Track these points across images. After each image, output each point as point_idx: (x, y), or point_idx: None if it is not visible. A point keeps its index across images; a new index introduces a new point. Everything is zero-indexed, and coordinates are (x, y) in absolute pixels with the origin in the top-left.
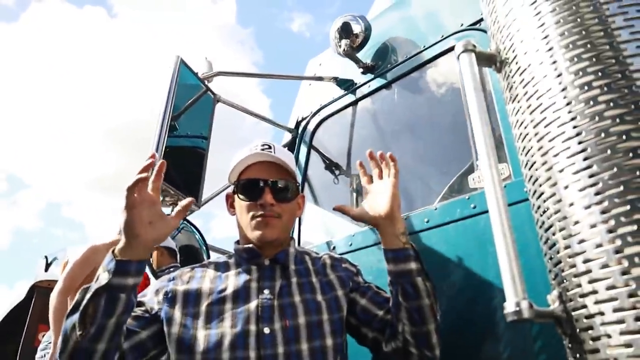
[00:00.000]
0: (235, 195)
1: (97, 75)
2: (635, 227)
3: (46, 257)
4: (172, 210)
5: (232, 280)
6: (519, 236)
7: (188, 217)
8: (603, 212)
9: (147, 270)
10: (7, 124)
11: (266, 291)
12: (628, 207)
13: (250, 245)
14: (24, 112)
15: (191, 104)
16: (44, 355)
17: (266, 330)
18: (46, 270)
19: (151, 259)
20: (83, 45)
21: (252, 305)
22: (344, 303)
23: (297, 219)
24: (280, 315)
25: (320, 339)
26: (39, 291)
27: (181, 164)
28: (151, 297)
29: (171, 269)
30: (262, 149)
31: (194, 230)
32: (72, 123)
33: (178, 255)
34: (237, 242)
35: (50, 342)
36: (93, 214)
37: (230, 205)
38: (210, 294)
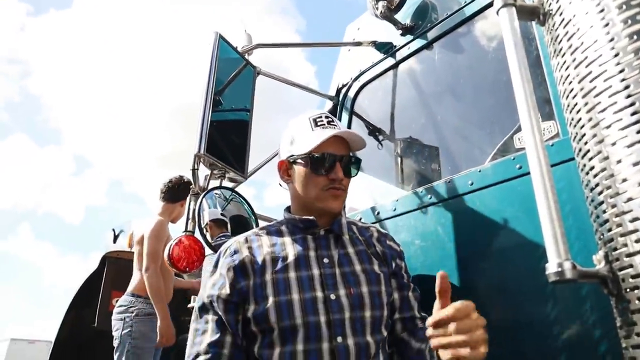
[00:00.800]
0: (300, 167)
1: (159, 56)
2: None
3: (114, 230)
4: (220, 182)
5: (290, 249)
6: (569, 196)
7: (236, 189)
8: None
9: (202, 241)
10: (74, 106)
11: (325, 260)
12: None
13: (309, 217)
14: (89, 95)
15: (233, 79)
16: (124, 319)
17: (332, 296)
18: (114, 241)
19: (206, 233)
20: (141, 26)
21: (315, 273)
22: (389, 280)
23: None
24: (344, 282)
25: (379, 308)
26: (110, 261)
27: (227, 137)
28: (224, 281)
29: (223, 238)
30: (328, 121)
31: (242, 200)
32: (130, 102)
33: (228, 224)
34: (288, 210)
35: (130, 306)
36: (153, 189)
37: (284, 173)
38: (273, 263)
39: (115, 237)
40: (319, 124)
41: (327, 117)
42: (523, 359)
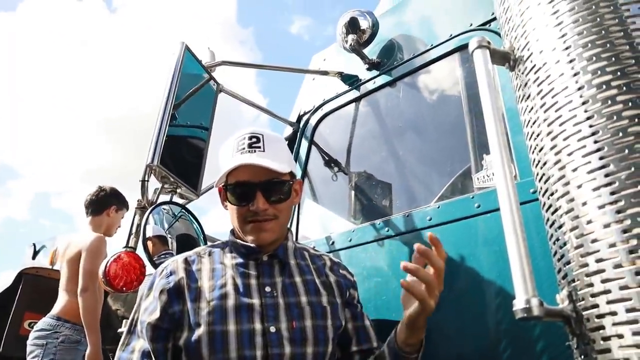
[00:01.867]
0: (227, 196)
1: (93, 67)
2: None
3: (34, 245)
4: (170, 198)
5: (231, 275)
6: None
7: (187, 206)
8: (618, 211)
9: (145, 258)
10: (4, 114)
11: (268, 288)
12: None
13: (250, 244)
14: (19, 102)
15: (193, 92)
16: (46, 345)
17: (272, 329)
18: (33, 258)
19: (149, 250)
20: (80, 36)
21: (256, 302)
22: (342, 312)
23: (296, 211)
24: (287, 314)
25: (324, 344)
26: (27, 278)
27: (182, 153)
28: (155, 304)
29: (166, 256)
30: (250, 144)
31: (192, 219)
32: (67, 114)
33: (169, 241)
34: (232, 232)
35: (54, 332)
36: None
37: (224, 199)
38: (211, 289)
39: (35, 253)
40: (239, 148)
41: (251, 137)
42: None
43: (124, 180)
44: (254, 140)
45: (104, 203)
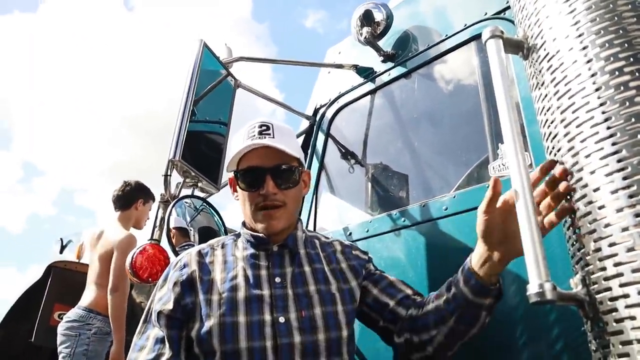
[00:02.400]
0: (238, 183)
1: (113, 64)
2: None
3: (61, 240)
4: (192, 191)
5: (242, 266)
6: None
7: (208, 199)
8: (630, 196)
9: (169, 250)
10: (24, 112)
11: (277, 279)
12: None
13: (259, 234)
14: (41, 102)
15: (212, 88)
16: (79, 335)
17: (281, 319)
18: (61, 252)
19: (172, 241)
20: (98, 35)
21: (265, 293)
22: (357, 294)
23: (314, 202)
24: (296, 304)
25: (336, 329)
26: (56, 271)
27: (202, 148)
28: (169, 295)
29: (187, 247)
30: (260, 131)
31: (213, 212)
32: (88, 112)
33: (191, 233)
34: (244, 224)
35: (86, 323)
36: (104, 202)
37: (234, 189)
38: (222, 281)
39: (63, 248)
40: (249, 135)
41: (261, 126)
42: None
43: (147, 175)
44: (264, 128)
45: (131, 197)
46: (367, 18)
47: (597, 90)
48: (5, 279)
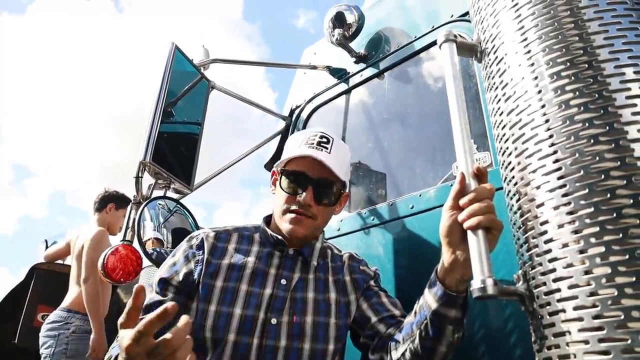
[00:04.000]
0: (279, 180)
1: (103, 66)
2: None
3: (46, 241)
4: (164, 193)
5: (252, 260)
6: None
7: (182, 200)
8: (565, 195)
9: (140, 251)
10: (13, 114)
11: (283, 281)
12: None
13: (279, 236)
14: (30, 103)
15: (186, 91)
16: (58, 336)
17: (273, 320)
18: None
19: (146, 243)
20: (88, 36)
21: (267, 292)
22: (353, 309)
23: None
24: (291, 308)
25: (323, 342)
26: (39, 272)
27: (174, 148)
28: (178, 267)
29: (158, 250)
30: (320, 142)
31: (187, 213)
32: (78, 114)
33: (165, 234)
34: (267, 218)
35: (65, 322)
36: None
37: (273, 183)
38: (229, 269)
39: (47, 249)
40: (309, 142)
41: (322, 137)
42: None
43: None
44: (324, 140)
45: (104, 202)
46: (339, 20)
47: (538, 93)
48: None
